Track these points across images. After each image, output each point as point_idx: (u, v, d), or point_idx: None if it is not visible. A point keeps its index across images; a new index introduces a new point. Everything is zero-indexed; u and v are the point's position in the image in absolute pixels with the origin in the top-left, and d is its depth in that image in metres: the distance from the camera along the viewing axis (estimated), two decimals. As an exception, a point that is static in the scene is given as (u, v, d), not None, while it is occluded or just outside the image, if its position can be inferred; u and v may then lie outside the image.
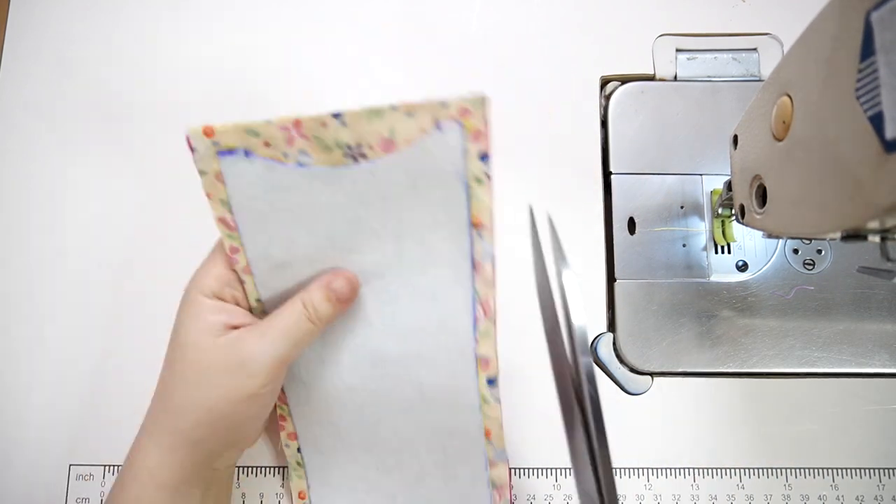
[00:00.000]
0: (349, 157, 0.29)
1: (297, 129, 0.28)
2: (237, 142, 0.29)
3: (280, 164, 0.29)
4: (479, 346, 0.32)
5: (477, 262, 0.31)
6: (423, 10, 0.46)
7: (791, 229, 0.28)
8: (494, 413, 0.33)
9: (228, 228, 0.31)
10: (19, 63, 0.45)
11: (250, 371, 0.30)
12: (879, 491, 0.38)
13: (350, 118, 0.28)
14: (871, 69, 0.21)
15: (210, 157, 0.29)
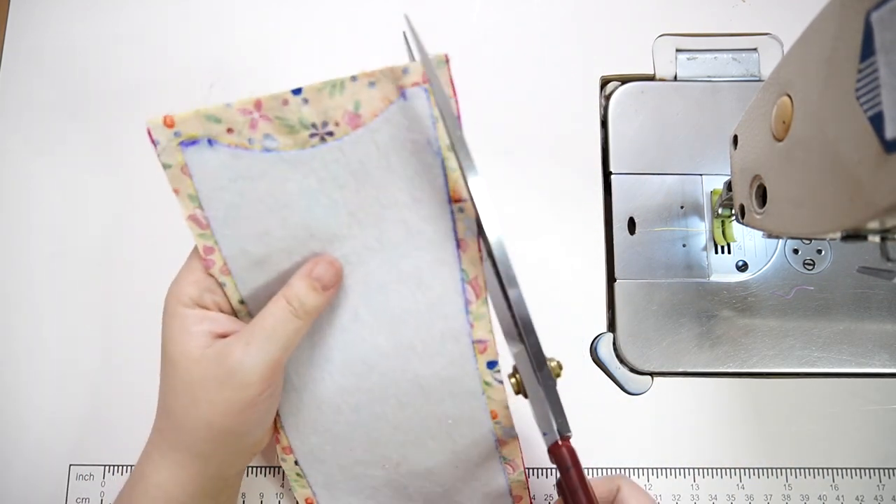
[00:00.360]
0: (316, 138, 0.27)
1: (259, 111, 0.27)
2: (199, 130, 0.27)
3: (246, 150, 0.27)
4: (473, 330, 0.30)
5: (461, 239, 0.29)
6: (423, 10, 0.46)
7: (791, 229, 0.28)
8: (499, 395, 0.32)
9: (200, 227, 0.29)
10: (19, 63, 0.45)
11: (242, 381, 0.28)
12: (879, 491, 0.38)
13: (310, 93, 0.27)
14: (871, 69, 0.21)
15: (173, 149, 0.28)
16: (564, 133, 0.44)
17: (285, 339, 0.29)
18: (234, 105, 0.27)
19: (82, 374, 0.41)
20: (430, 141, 0.28)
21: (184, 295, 0.30)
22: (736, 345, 0.40)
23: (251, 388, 0.29)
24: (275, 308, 0.29)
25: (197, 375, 0.29)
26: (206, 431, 0.29)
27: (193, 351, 0.29)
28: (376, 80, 0.27)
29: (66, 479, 0.39)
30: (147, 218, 0.43)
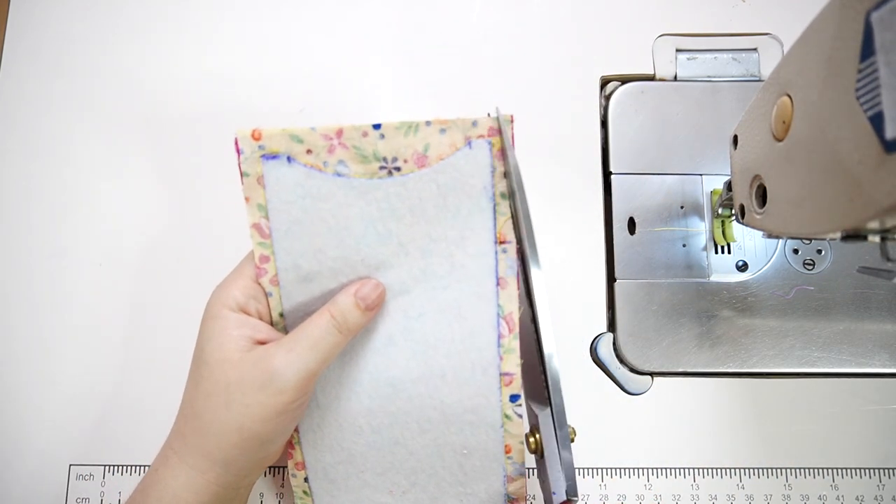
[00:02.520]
0: (385, 171, 0.30)
1: (339, 138, 0.29)
2: (281, 147, 0.29)
3: (319, 172, 0.30)
4: (503, 363, 0.32)
5: (501, 277, 0.31)
6: (423, 10, 0.46)
7: (791, 229, 0.28)
8: (516, 430, 0.33)
9: (262, 235, 0.31)
10: (19, 63, 0.45)
11: (280, 387, 0.29)
12: (879, 491, 0.38)
13: (388, 129, 0.29)
14: (871, 69, 0.21)
15: (255, 161, 0.30)
16: (564, 133, 0.44)
17: (325, 352, 0.30)
18: (318, 129, 0.29)
19: (82, 374, 0.41)
20: (485, 187, 0.30)
21: (230, 299, 0.31)
22: (736, 345, 0.40)
23: (286, 395, 0.29)
24: (319, 320, 0.30)
25: (234, 378, 0.29)
26: (236, 436, 0.30)
27: (233, 353, 0.30)
28: (447, 127, 0.30)
29: (66, 479, 0.39)
30: (148, 218, 0.43)
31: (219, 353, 0.30)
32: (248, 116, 0.44)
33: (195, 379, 0.31)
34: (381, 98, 0.45)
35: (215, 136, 0.44)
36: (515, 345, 0.32)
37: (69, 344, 0.41)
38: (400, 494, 0.35)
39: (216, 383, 0.30)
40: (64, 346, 0.41)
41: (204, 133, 0.44)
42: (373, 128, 0.29)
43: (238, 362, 0.30)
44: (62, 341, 0.41)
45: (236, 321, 0.30)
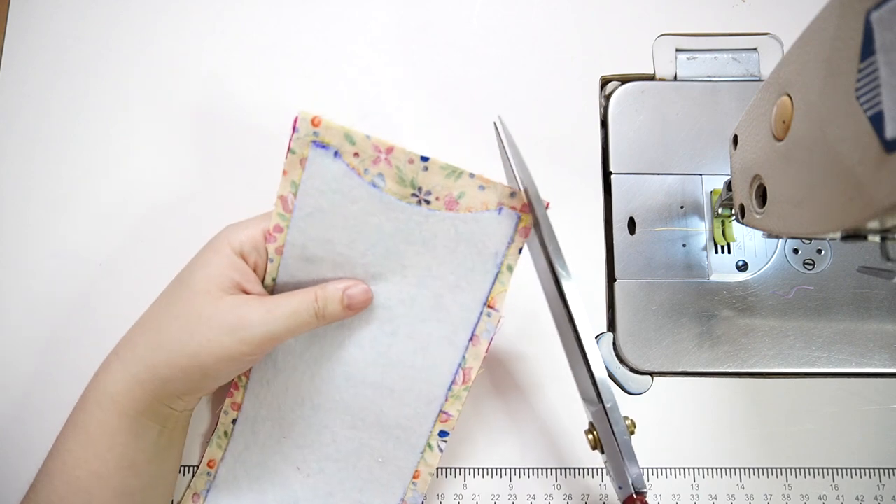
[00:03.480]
0: (416, 199, 0.32)
1: (388, 154, 0.31)
2: (334, 141, 0.31)
3: (358, 176, 0.31)
4: (446, 404, 0.35)
5: (476, 335, 0.34)
6: (423, 10, 0.46)
7: (791, 229, 0.28)
8: (432, 461, 0.36)
9: (284, 209, 0.32)
10: (19, 63, 0.45)
11: (245, 338, 0.31)
12: (879, 491, 0.38)
13: (433, 165, 0.31)
14: (871, 69, 0.21)
15: (305, 143, 0.31)
16: (564, 133, 0.44)
17: (296, 326, 0.32)
18: (372, 139, 0.31)
19: (83, 374, 0.41)
20: (497, 253, 0.32)
21: (237, 241, 0.32)
22: (736, 345, 0.40)
23: (247, 346, 0.31)
24: (304, 297, 0.32)
25: (208, 312, 0.31)
26: (186, 361, 0.31)
27: (218, 291, 0.31)
28: (487, 186, 0.31)
29: (66, 479, 0.39)
30: (146, 218, 0.43)
31: (205, 284, 0.32)
32: (248, 116, 0.44)
33: (170, 298, 0.33)
34: (382, 98, 0.45)
35: (216, 136, 0.44)
36: (464, 395, 0.34)
37: (69, 344, 0.41)
38: (304, 474, 0.37)
39: (191, 311, 0.31)
40: (64, 346, 0.41)
41: (204, 133, 0.44)
42: (420, 159, 0.31)
43: (218, 300, 0.31)
44: (62, 341, 0.41)
45: (234, 264, 0.32)
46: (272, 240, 0.33)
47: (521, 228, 0.32)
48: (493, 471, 0.39)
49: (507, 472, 0.39)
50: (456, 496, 0.39)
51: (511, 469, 0.39)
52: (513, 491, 0.39)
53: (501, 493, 0.39)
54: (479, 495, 0.39)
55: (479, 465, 0.39)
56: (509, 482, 0.39)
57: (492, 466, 0.39)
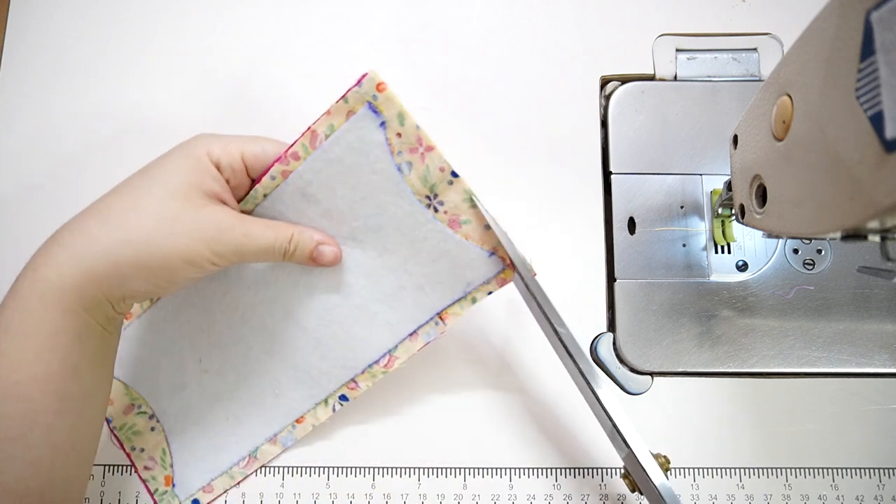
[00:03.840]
0: (427, 201, 0.33)
1: (426, 151, 0.32)
2: (387, 112, 0.32)
3: (390, 153, 0.32)
4: (360, 375, 0.37)
5: (416, 333, 0.36)
6: (423, 10, 0.46)
7: (791, 229, 0.28)
8: (322, 416, 0.38)
9: (311, 143, 0.33)
10: (19, 63, 0.45)
11: (220, 251, 0.31)
12: (879, 491, 0.38)
13: (458, 184, 0.33)
14: (871, 69, 0.21)
15: (360, 100, 0.32)
16: (564, 133, 0.44)
17: (264, 257, 0.33)
18: (420, 129, 0.32)
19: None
20: (469, 283, 0.34)
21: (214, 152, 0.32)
22: (736, 345, 0.40)
23: (218, 260, 0.31)
24: (281, 233, 0.32)
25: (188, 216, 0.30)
26: (156, 262, 0.29)
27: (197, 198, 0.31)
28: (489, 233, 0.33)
29: (66, 479, 0.39)
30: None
31: (185, 188, 0.30)
32: (248, 116, 0.44)
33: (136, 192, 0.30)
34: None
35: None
36: (380, 377, 0.36)
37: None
38: (202, 370, 0.39)
39: (164, 210, 0.30)
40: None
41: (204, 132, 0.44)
42: (451, 173, 0.32)
43: (200, 207, 0.30)
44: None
45: (213, 174, 0.32)
46: (284, 162, 0.33)
47: (499, 278, 0.34)
48: (493, 471, 0.39)
49: (507, 472, 0.39)
50: (456, 496, 0.39)
51: (511, 469, 0.39)
52: (513, 491, 0.39)
53: (501, 493, 0.39)
54: (479, 495, 0.39)
55: (479, 465, 0.39)
56: (509, 482, 0.39)
57: (492, 466, 0.39)
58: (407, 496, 0.39)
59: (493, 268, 0.34)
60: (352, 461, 0.39)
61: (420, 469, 0.39)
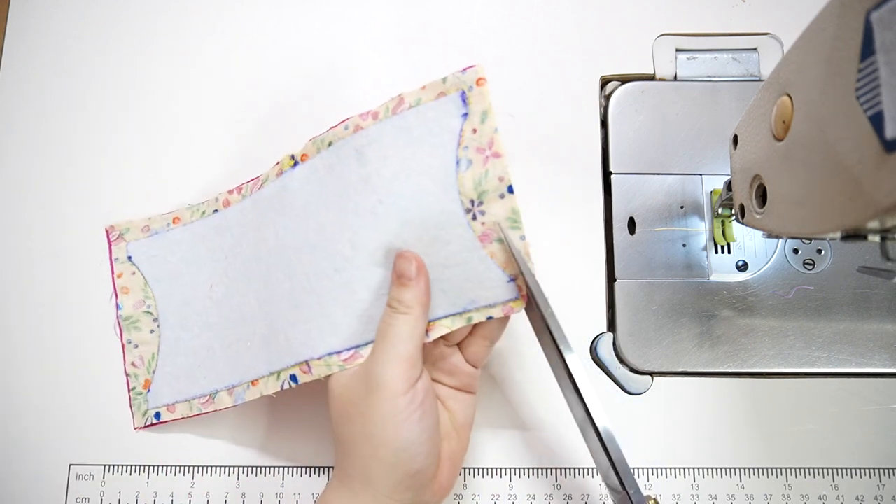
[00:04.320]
0: (470, 205, 0.32)
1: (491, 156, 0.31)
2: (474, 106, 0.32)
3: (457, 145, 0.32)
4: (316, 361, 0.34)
5: None
6: (423, 10, 0.46)
7: (791, 229, 0.28)
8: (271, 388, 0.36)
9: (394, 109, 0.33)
10: (19, 63, 0.45)
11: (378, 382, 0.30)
12: (879, 491, 0.38)
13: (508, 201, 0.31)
14: (871, 69, 0.21)
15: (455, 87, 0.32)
16: (564, 133, 0.44)
17: (397, 335, 0.31)
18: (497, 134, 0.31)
19: (82, 373, 0.41)
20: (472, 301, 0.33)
21: None
22: (736, 345, 0.40)
23: (388, 388, 0.30)
24: (384, 315, 0.32)
25: (346, 396, 0.32)
26: (367, 447, 0.31)
27: (342, 376, 0.32)
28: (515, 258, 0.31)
29: (66, 479, 0.39)
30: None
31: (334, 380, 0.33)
32: (248, 117, 0.44)
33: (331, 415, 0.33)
34: (382, 98, 0.44)
35: (216, 136, 0.44)
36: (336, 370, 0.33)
37: (69, 344, 0.41)
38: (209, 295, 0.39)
39: (336, 404, 0.32)
40: (64, 346, 0.41)
41: (205, 133, 0.44)
42: (508, 188, 0.31)
43: (348, 382, 0.32)
44: (62, 341, 0.41)
45: None
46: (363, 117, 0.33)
47: (507, 305, 0.32)
48: (493, 471, 0.39)
49: (507, 472, 0.39)
50: (456, 496, 0.39)
51: (511, 469, 0.39)
52: (513, 491, 0.39)
53: (501, 493, 0.39)
54: (479, 495, 0.39)
55: (479, 465, 0.39)
56: (509, 482, 0.39)
57: (492, 466, 0.39)
58: (407, 496, 0.39)
59: (505, 293, 0.32)
60: (352, 461, 0.39)
61: (420, 469, 0.39)
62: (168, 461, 0.40)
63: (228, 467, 0.40)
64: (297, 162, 0.35)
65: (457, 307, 0.33)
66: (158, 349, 0.40)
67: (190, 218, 0.41)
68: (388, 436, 0.30)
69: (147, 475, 0.39)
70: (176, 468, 0.40)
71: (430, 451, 0.31)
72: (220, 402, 0.38)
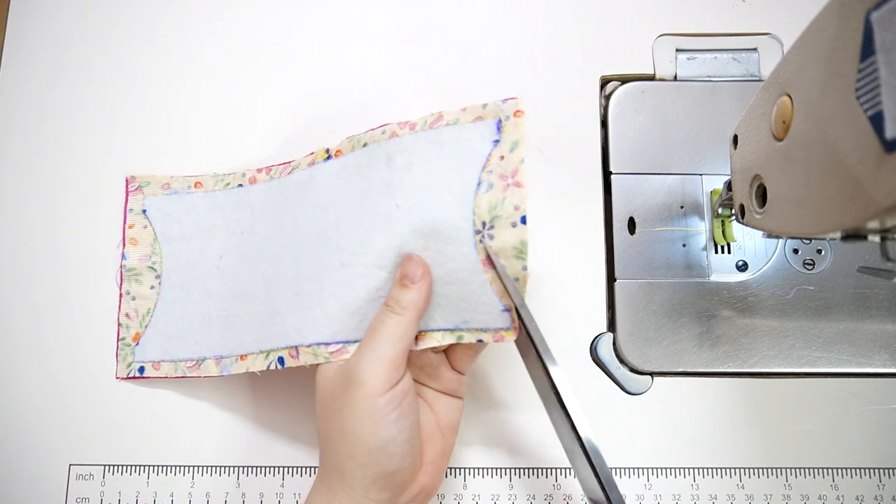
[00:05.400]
0: (480, 226, 0.32)
1: (513, 184, 0.32)
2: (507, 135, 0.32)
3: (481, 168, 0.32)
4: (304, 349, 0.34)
5: None
6: (423, 10, 0.46)
7: (791, 229, 0.28)
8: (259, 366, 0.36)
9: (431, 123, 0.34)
10: (19, 63, 0.45)
11: (358, 379, 0.30)
12: (879, 491, 0.38)
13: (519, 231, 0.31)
14: (871, 69, 0.21)
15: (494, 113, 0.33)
16: (564, 133, 0.44)
17: (386, 335, 0.31)
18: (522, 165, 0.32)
19: (82, 373, 0.41)
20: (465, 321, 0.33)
21: None
22: (736, 345, 0.40)
23: (367, 386, 0.30)
24: (378, 313, 0.32)
25: (329, 390, 0.32)
26: (343, 443, 0.30)
27: (327, 370, 0.32)
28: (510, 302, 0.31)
29: (66, 479, 0.39)
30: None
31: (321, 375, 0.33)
32: (249, 117, 0.44)
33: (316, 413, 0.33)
34: (382, 97, 0.45)
35: (216, 136, 0.44)
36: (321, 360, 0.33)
37: (69, 344, 0.41)
38: (216, 265, 0.40)
39: (323, 401, 0.32)
40: (64, 346, 0.41)
41: (204, 132, 0.44)
42: (521, 218, 0.31)
43: (332, 376, 0.32)
44: (62, 341, 0.41)
45: None
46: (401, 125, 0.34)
47: (498, 333, 0.32)
48: (493, 471, 0.39)
49: (507, 472, 0.39)
50: (456, 496, 0.39)
51: (511, 469, 0.39)
52: (513, 491, 0.39)
53: (501, 493, 0.39)
54: (479, 495, 0.39)
55: (479, 465, 0.39)
56: (509, 482, 0.39)
57: (492, 466, 0.39)
58: (407, 496, 0.39)
59: (497, 321, 0.32)
60: (352, 461, 0.39)
61: (420, 469, 0.39)
62: (168, 461, 0.40)
63: (228, 467, 0.40)
64: (331, 156, 0.36)
65: (449, 323, 0.33)
66: (155, 306, 0.41)
67: (213, 186, 0.42)
68: (364, 434, 0.30)
69: (147, 475, 0.39)
70: (176, 468, 0.40)
71: (407, 452, 0.31)
72: (206, 369, 0.39)
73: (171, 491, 0.39)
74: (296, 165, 0.38)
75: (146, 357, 0.40)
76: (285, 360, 0.35)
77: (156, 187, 0.42)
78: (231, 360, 0.38)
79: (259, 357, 0.37)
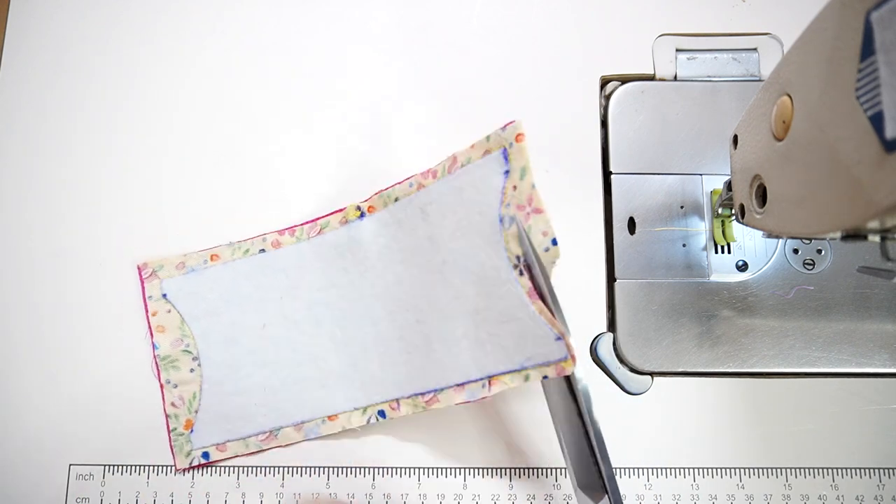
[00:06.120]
0: (515, 261, 0.32)
1: (532, 212, 0.32)
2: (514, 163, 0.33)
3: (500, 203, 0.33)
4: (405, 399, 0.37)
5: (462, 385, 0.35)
6: (423, 10, 0.46)
7: (791, 229, 0.28)
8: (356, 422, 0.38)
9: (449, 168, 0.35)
10: (19, 63, 0.45)
11: None
12: (879, 491, 0.38)
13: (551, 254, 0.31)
14: (871, 69, 0.21)
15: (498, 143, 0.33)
16: (564, 133, 0.44)
17: None
18: (534, 191, 0.32)
19: (82, 373, 0.41)
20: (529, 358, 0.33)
21: None
22: (736, 345, 0.40)
23: None
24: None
25: None
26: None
27: None
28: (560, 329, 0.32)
29: (66, 479, 0.39)
30: (148, 218, 0.43)
31: None
32: (248, 116, 0.44)
33: None
34: (381, 98, 0.45)
35: (216, 136, 0.44)
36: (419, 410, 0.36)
37: (69, 344, 0.41)
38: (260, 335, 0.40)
39: None
40: (64, 346, 0.41)
41: (205, 133, 0.44)
42: (552, 240, 0.31)
43: None
44: (62, 341, 0.41)
45: None
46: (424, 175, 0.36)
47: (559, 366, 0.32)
48: (492, 471, 0.39)
49: (506, 472, 0.39)
50: (456, 496, 0.39)
51: (511, 469, 0.39)
52: (513, 491, 0.39)
53: (501, 493, 0.39)
54: (479, 495, 0.39)
55: (479, 465, 0.39)
56: (509, 482, 0.39)
57: (492, 466, 0.39)
58: (407, 496, 0.39)
59: (554, 352, 0.32)
60: (352, 461, 0.39)
61: (420, 469, 0.39)
62: (168, 461, 0.40)
63: (228, 467, 0.40)
64: (364, 213, 0.38)
65: (514, 364, 0.33)
66: (200, 389, 0.40)
67: (231, 256, 0.41)
68: None
69: (147, 475, 0.39)
70: (176, 468, 0.40)
71: None
72: (284, 437, 0.39)
73: (171, 491, 0.39)
74: (324, 224, 0.39)
75: (207, 441, 0.39)
76: (386, 412, 0.38)
77: (171, 269, 0.41)
78: (317, 423, 0.39)
79: (355, 413, 0.38)
